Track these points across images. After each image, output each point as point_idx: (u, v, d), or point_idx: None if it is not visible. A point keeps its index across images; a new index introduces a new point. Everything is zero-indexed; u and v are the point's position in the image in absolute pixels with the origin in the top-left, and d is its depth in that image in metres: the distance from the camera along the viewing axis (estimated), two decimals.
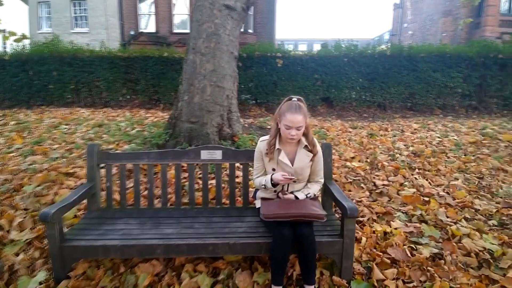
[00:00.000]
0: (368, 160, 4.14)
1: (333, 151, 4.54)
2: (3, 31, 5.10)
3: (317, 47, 10.17)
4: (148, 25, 19.39)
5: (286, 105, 1.92)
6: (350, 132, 6.05)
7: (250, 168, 2.97)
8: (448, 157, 4.34)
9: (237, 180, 3.04)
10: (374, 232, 2.47)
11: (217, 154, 2.34)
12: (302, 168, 1.99)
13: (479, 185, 3.47)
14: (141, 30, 18.80)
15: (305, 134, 1.99)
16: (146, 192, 2.50)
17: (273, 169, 2.00)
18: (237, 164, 3.42)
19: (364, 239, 2.33)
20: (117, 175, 2.92)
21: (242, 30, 18.41)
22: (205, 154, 2.33)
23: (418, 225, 2.57)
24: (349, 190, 3.34)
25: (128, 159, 2.36)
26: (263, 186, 2.00)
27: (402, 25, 29.66)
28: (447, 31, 21.63)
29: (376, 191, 3.27)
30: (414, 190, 3.22)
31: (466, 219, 2.77)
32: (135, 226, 2.13)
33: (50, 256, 1.96)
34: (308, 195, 2.00)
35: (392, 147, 4.77)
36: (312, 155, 1.99)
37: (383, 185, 3.37)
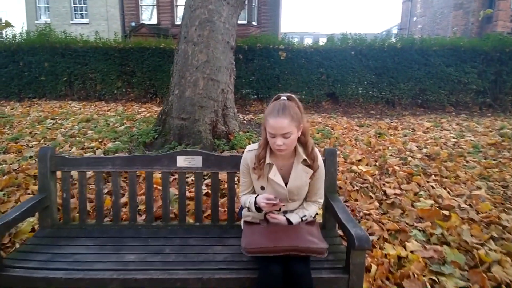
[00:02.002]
0: (377, 164, 3.70)
1: (338, 152, 4.10)
2: None
3: (323, 41, 9.63)
4: (149, 16, 18.93)
5: (269, 107, 1.49)
6: (356, 130, 5.60)
7: (238, 177, 2.54)
8: (467, 161, 3.88)
9: (222, 186, 2.64)
10: (386, 256, 2.05)
11: (196, 161, 1.92)
12: (299, 187, 1.56)
13: (504, 196, 3.02)
14: (142, 22, 18.34)
15: (303, 144, 1.55)
16: (111, 206, 2.09)
17: (262, 188, 1.58)
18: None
19: (374, 267, 1.91)
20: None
21: (245, 22, 18.00)
22: (181, 161, 1.92)
23: (439, 247, 2.14)
24: (356, 200, 2.92)
25: (88, 165, 1.95)
26: (248, 209, 1.59)
27: (411, 18, 28.91)
28: (458, 25, 20.91)
29: (387, 201, 2.84)
30: (432, 201, 2.78)
31: (493, 238, 2.33)
32: (92, 250, 1.73)
33: None
34: (304, 218, 1.57)
35: (403, 149, 4.32)
36: (311, 171, 1.55)
37: (395, 194, 2.94)
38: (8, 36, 8.82)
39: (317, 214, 1.73)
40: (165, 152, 3.91)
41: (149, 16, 18.98)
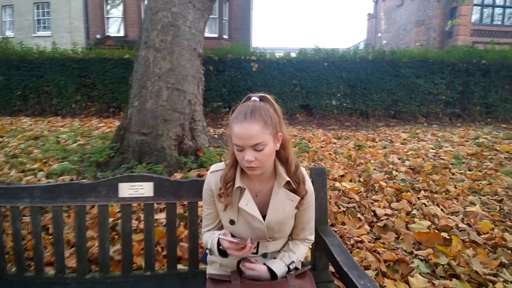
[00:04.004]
0: (361, 179, 3.38)
1: None
2: None
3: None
4: (115, 29, 18.23)
5: (236, 111, 1.10)
6: (334, 143, 5.32)
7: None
8: (453, 174, 3.66)
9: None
10: None
11: (146, 188, 1.45)
12: (281, 221, 1.15)
13: (501, 212, 2.77)
14: (108, 34, 17.59)
15: (284, 161, 1.15)
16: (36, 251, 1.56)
17: (232, 222, 1.15)
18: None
19: None
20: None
21: (216, 35, 17.75)
22: (125, 189, 1.44)
23: (448, 283, 1.79)
24: (343, 223, 2.54)
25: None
26: (209, 251, 1.16)
27: (376, 34, 30.05)
28: (420, 40, 21.86)
29: (378, 223, 2.48)
30: (427, 222, 2.46)
31: (503, 265, 2.02)
32: None
33: None
34: (292, 266, 1.15)
35: (385, 162, 4.05)
36: (298, 198, 1.15)
37: (386, 215, 2.60)
38: None
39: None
40: (121, 173, 3.39)
41: (117, 28, 18.29)
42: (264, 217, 1.14)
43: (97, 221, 2.12)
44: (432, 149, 5.01)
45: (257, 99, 1.10)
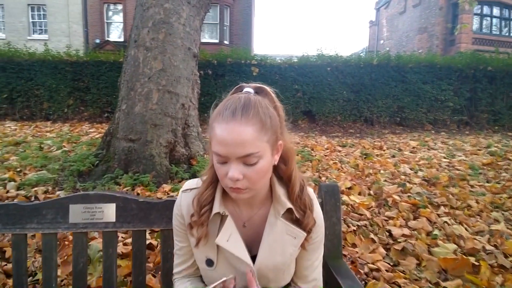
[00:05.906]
0: (372, 192, 3.03)
1: (323, 178, 3.41)
2: None
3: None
4: (117, 34, 18.11)
5: (220, 105, 0.76)
6: (339, 151, 4.98)
7: None
8: (472, 186, 3.31)
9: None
10: None
11: (106, 211, 1.11)
12: (278, 268, 0.81)
13: None
14: (107, 39, 17.42)
15: (286, 179, 0.81)
16: None
17: (209, 263, 0.82)
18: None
19: None
20: None
21: (217, 41, 17.53)
22: (78, 212, 1.10)
23: None
24: (354, 245, 2.19)
25: None
26: None
27: (379, 42, 29.93)
28: (423, 47, 21.65)
29: (395, 246, 2.13)
30: (454, 245, 2.11)
31: None
32: None
33: None
34: None
35: (396, 172, 3.71)
36: (303, 235, 0.81)
37: (404, 235, 2.25)
38: None
39: None
40: (104, 183, 3.05)
41: (118, 34, 18.19)
42: (254, 257, 0.80)
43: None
44: (445, 158, 4.67)
45: (252, 90, 0.77)
